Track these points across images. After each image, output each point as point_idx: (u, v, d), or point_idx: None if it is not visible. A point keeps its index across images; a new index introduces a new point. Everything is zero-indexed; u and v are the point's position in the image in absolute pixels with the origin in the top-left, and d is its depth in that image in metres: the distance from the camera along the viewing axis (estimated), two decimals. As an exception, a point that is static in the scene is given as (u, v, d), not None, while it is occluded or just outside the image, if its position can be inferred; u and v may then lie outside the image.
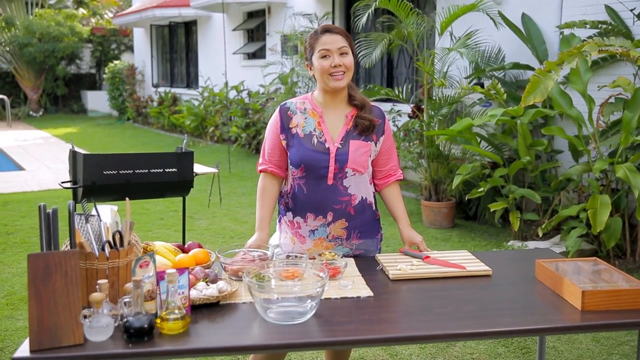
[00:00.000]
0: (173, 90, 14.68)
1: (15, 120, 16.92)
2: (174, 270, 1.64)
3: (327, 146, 2.25)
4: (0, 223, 5.72)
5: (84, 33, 18.14)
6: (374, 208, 2.39)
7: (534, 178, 5.25)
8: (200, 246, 2.20)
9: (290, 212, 2.36)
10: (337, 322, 1.74)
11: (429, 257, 2.25)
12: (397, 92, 6.11)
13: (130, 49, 19.16)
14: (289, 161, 2.31)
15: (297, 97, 2.38)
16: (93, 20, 20.15)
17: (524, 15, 5.86)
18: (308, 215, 2.30)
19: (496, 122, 5.03)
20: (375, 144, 2.32)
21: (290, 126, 2.30)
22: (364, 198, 2.32)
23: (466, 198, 5.21)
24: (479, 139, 5.38)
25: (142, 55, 16.99)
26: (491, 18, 5.43)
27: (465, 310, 1.82)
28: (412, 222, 5.97)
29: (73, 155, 3.68)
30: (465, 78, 5.89)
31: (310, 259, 2.30)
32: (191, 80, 14.83)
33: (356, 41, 6.28)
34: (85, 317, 1.56)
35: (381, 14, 7.76)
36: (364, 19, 5.57)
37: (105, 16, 20.43)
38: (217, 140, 11.69)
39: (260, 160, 2.38)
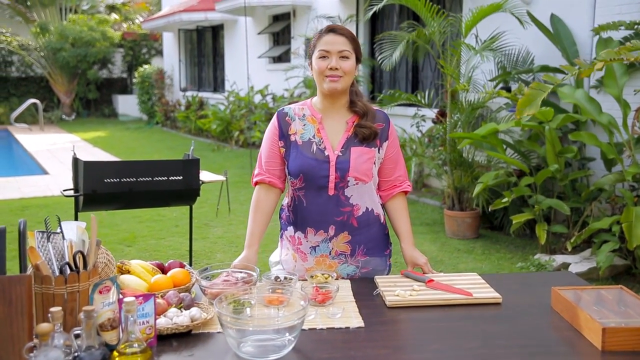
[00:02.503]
0: (200, 94, 14.70)
1: (48, 124, 17.20)
2: (132, 299, 1.47)
3: (326, 154, 2.07)
4: (15, 229, 5.68)
5: (115, 38, 18.35)
6: (382, 221, 2.19)
7: (563, 187, 4.95)
8: (181, 265, 2.03)
9: (292, 227, 2.19)
10: (318, 358, 1.54)
11: (432, 280, 2.03)
12: (419, 97, 5.87)
13: (160, 53, 19.31)
14: (287, 171, 2.13)
15: (296, 103, 2.20)
16: (125, 25, 20.38)
17: (553, 16, 5.56)
18: (308, 230, 2.12)
19: (522, 127, 4.76)
20: (379, 150, 2.13)
21: (289, 133, 2.12)
22: (369, 209, 2.13)
23: (489, 209, 4.94)
24: (504, 146, 5.10)
25: (171, 59, 17.09)
26: (517, 18, 5.16)
27: (466, 346, 1.60)
28: (435, 233, 5.81)
29: (75, 162, 3.57)
30: (490, 81, 5.62)
31: (300, 279, 2.12)
32: (218, 85, 14.82)
33: (377, 42, 6.08)
34: (31, 350, 1.40)
35: (405, 17, 7.54)
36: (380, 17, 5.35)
37: (137, 21, 20.64)
38: (242, 144, 11.61)
39: (256, 170, 2.21)
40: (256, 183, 2.18)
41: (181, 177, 3.75)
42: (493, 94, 5.14)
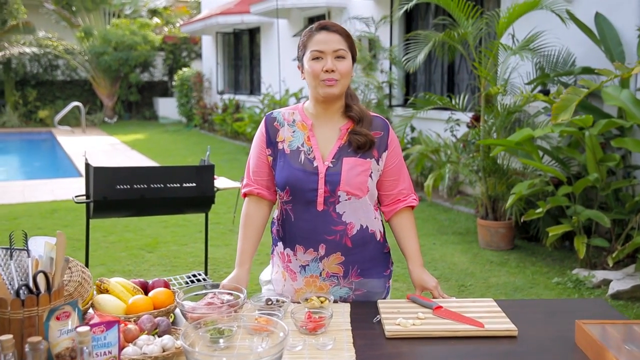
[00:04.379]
0: (237, 97, 14.70)
1: (90, 127, 17.53)
2: (86, 329, 1.31)
3: (315, 165, 1.88)
4: (41, 232, 5.69)
5: (156, 41, 18.58)
6: (379, 239, 1.99)
7: (605, 197, 4.62)
8: (166, 285, 1.87)
9: (281, 243, 2.01)
10: (296, 400, 1.36)
11: (440, 307, 1.82)
12: (453, 100, 5.61)
13: (200, 56, 19.46)
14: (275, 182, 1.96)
15: (287, 107, 2.02)
16: (166, 29, 20.64)
17: (597, 15, 5.22)
18: (297, 248, 1.94)
19: (561, 133, 4.46)
20: (377, 161, 1.92)
21: (277, 140, 1.94)
22: (364, 227, 1.93)
23: (522, 220, 4.64)
24: (541, 153, 4.80)
25: (209, 62, 17.19)
26: (558, 15, 4.84)
27: (469, 390, 1.39)
28: (467, 243, 5.52)
29: (86, 167, 3.49)
30: (527, 84, 5.31)
31: (293, 302, 1.94)
32: (254, 87, 14.80)
33: (406, 43, 5.85)
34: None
35: (442, 13, 7.26)
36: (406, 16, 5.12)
37: (177, 25, 20.87)
38: (276, 148, 11.50)
39: (245, 180, 2.04)
40: (245, 195, 2.02)
41: (195, 184, 3.63)
42: (530, 97, 4.85)
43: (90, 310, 1.74)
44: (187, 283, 3.95)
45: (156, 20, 20.67)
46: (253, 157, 2.00)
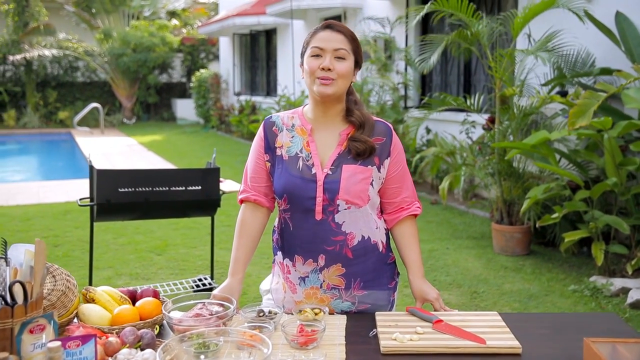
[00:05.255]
0: (253, 98, 14.68)
1: (109, 128, 17.66)
2: (57, 344, 1.25)
3: (314, 172, 1.80)
4: (52, 234, 5.70)
5: (174, 43, 18.66)
6: (381, 249, 1.90)
7: (625, 202, 4.46)
8: (155, 294, 1.81)
9: (280, 252, 1.94)
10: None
11: (441, 321, 1.73)
12: (468, 102, 5.48)
13: (217, 58, 19.51)
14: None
15: (287, 111, 1.95)
16: (184, 30, 20.73)
17: (618, 14, 5.05)
18: (296, 258, 1.86)
19: (578, 136, 4.32)
20: (379, 168, 1.83)
21: (275, 145, 1.87)
22: (365, 238, 1.84)
23: (537, 225, 4.51)
24: (557, 156, 4.66)
25: (226, 64, 17.21)
26: (576, 14, 4.69)
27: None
28: (481, 248, 5.39)
29: (90, 170, 3.45)
30: (543, 85, 5.16)
31: (287, 313, 1.87)
32: (271, 89, 14.77)
33: (422, 43, 5.75)
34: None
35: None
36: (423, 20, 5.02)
37: (195, 26, 20.95)
38: (291, 149, 11.44)
39: (242, 187, 1.97)
40: (241, 201, 1.94)
41: (200, 187, 3.57)
42: (546, 99, 4.71)
43: (76, 320, 1.68)
44: (192, 288, 3.90)
45: (175, 22, 20.77)
46: (251, 163, 1.93)
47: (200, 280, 4.02)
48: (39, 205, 7.01)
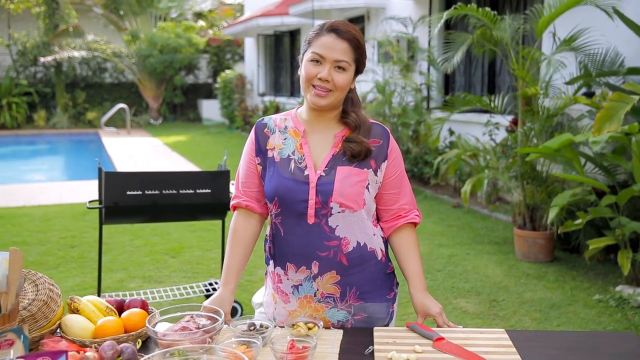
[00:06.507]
0: (277, 99, 14.66)
1: (136, 128, 17.84)
2: (19, 362, 1.18)
3: (306, 174, 1.71)
4: (70, 234, 5.72)
5: (200, 44, 18.77)
6: (380, 258, 1.80)
7: (654, 209, 4.26)
8: (143, 305, 1.73)
9: (272, 261, 1.85)
10: None
11: (442, 339, 1.62)
12: (491, 103, 5.32)
13: (243, 58, 19.55)
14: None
15: (280, 113, 1.86)
16: (210, 31, 20.84)
17: (649, 11, 4.85)
18: (288, 266, 1.78)
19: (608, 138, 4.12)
20: (375, 172, 1.74)
21: (267, 147, 1.79)
22: (361, 244, 1.75)
23: (559, 231, 4.33)
24: (583, 160, 4.48)
25: (251, 64, 17.24)
26: (604, 10, 4.49)
27: None
28: (503, 253, 5.22)
29: (99, 173, 3.41)
30: (567, 84, 4.96)
31: (279, 326, 1.78)
32: (295, 89, 14.73)
33: (445, 42, 5.61)
34: None
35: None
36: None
37: (221, 27, 21.05)
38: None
39: (234, 192, 1.89)
40: (233, 207, 1.86)
41: (210, 190, 3.51)
42: (570, 99, 4.53)
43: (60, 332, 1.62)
44: (202, 292, 3.84)
45: (201, 23, 20.90)
46: (242, 167, 1.85)
47: (210, 284, 3.96)
48: (60, 206, 7.06)
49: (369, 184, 1.72)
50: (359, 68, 1.74)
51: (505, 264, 4.88)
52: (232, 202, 1.87)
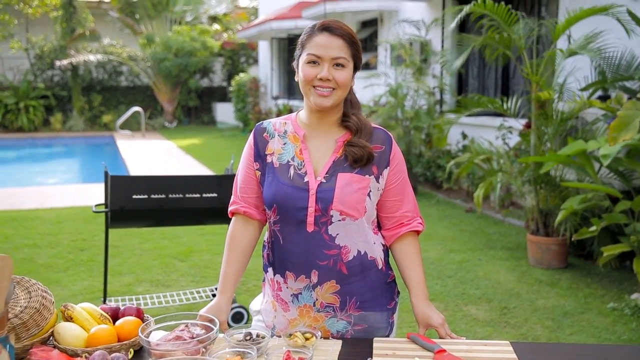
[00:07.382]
0: (290, 102, 14.65)
1: (150, 131, 17.95)
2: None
3: (306, 180, 1.67)
4: (80, 237, 5.74)
5: (214, 47, 18.84)
6: (380, 267, 1.75)
7: (671, 215, 4.16)
8: (139, 313, 1.70)
9: (271, 269, 1.81)
10: None
11: (444, 351, 1.57)
12: (504, 106, 5.24)
13: (257, 62, 19.59)
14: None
15: (280, 117, 1.82)
16: (225, 35, 20.92)
17: (666, 13, 4.73)
18: (287, 275, 1.74)
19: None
20: (377, 179, 1.69)
21: (265, 152, 1.75)
22: (362, 253, 1.70)
23: (572, 238, 4.25)
24: (597, 165, 4.39)
25: (265, 68, 17.27)
26: (622, 25, 4.38)
27: None
28: (516, 259, 5.13)
29: (105, 176, 3.41)
30: (582, 90, 4.88)
31: (277, 335, 1.74)
32: (308, 92, 14.70)
33: (459, 44, 5.54)
34: None
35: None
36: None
37: (235, 31, 21.11)
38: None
39: (232, 198, 1.85)
40: (232, 213, 1.83)
41: (216, 194, 3.48)
42: (585, 103, 4.44)
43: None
44: (208, 297, 3.82)
45: (216, 26, 20.98)
46: (241, 173, 1.81)
47: (217, 289, 3.93)
48: (71, 208, 7.09)
49: (370, 191, 1.68)
50: (357, 64, 1.70)
51: (517, 270, 4.80)
52: (230, 208, 1.84)
